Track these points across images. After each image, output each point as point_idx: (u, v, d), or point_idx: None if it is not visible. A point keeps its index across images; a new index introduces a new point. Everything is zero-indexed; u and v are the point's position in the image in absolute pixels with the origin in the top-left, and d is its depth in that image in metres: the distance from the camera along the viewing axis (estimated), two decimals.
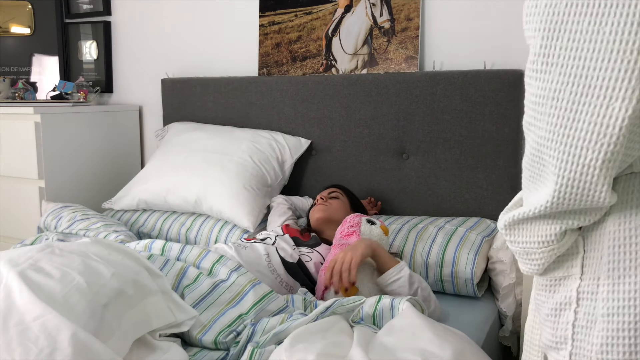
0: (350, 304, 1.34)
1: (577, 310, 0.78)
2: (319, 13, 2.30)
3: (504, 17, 2.00)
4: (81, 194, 2.50)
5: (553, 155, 0.71)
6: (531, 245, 0.80)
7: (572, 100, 0.68)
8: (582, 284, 0.79)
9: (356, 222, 1.66)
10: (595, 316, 0.76)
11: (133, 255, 1.33)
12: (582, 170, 0.69)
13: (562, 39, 0.68)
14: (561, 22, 0.68)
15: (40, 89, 2.85)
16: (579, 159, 0.68)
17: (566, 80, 0.68)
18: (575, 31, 0.67)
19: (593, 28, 0.65)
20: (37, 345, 0.98)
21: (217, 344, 1.30)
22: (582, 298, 0.78)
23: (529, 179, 0.78)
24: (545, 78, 0.70)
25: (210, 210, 2.09)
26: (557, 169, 0.70)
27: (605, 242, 0.76)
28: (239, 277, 1.46)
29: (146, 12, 2.74)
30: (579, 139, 0.68)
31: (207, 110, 2.50)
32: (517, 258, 0.85)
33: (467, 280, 1.68)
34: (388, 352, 1.13)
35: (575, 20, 0.67)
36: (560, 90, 0.68)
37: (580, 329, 0.78)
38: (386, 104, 2.11)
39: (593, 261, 0.78)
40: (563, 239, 0.78)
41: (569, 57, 0.67)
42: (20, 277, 1.09)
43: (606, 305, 0.74)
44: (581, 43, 0.66)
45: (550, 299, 0.83)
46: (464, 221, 1.90)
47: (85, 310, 1.06)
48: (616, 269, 0.74)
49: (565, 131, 0.69)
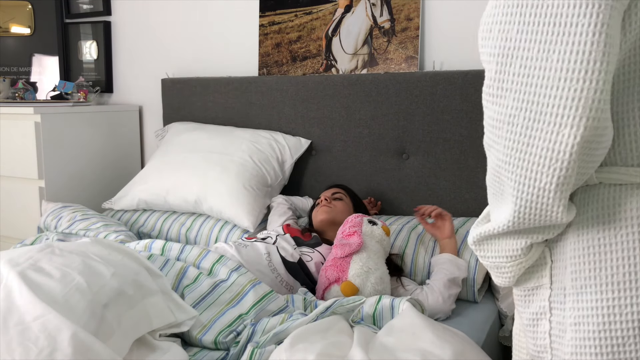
0: (350, 304, 1.34)
1: (551, 319, 0.80)
2: (319, 13, 2.30)
3: None
4: (81, 194, 2.50)
5: (510, 177, 0.72)
6: (500, 260, 0.82)
7: (525, 125, 0.69)
8: (552, 294, 0.80)
9: (358, 222, 1.66)
10: (565, 325, 0.77)
11: (133, 255, 1.33)
12: (538, 193, 0.70)
13: (514, 65, 0.69)
14: (513, 48, 0.69)
15: (40, 89, 2.85)
16: (534, 182, 0.70)
17: (520, 105, 0.69)
18: (526, 58, 0.67)
19: (542, 55, 0.66)
20: (37, 345, 0.98)
21: (217, 344, 1.30)
22: (554, 307, 0.80)
23: (492, 195, 0.80)
24: (500, 102, 0.71)
25: (210, 210, 2.09)
26: (515, 191, 0.72)
27: (568, 252, 0.78)
28: (239, 277, 1.46)
29: (146, 12, 2.74)
30: (534, 163, 0.69)
31: (207, 110, 2.50)
32: (490, 272, 0.87)
33: (469, 286, 1.68)
34: (388, 353, 1.13)
35: (526, 47, 0.67)
36: (515, 116, 0.69)
37: (555, 337, 0.79)
38: (386, 104, 2.11)
39: (560, 271, 0.79)
40: (529, 252, 0.80)
41: (521, 83, 0.68)
42: (20, 277, 1.09)
43: (573, 315, 0.76)
44: (532, 70, 0.67)
45: (527, 309, 0.84)
46: (464, 222, 1.90)
47: (86, 310, 1.06)
48: (578, 278, 0.76)
49: (520, 155, 0.70)
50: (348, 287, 1.53)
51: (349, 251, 1.57)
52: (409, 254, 1.78)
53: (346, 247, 1.57)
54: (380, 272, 1.56)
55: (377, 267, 1.56)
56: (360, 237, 1.59)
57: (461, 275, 1.63)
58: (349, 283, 1.53)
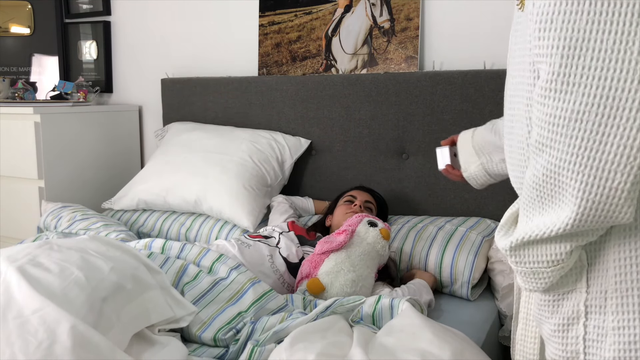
0: (350, 303, 1.34)
1: (587, 324, 0.77)
2: (319, 13, 2.30)
3: (504, 17, 2.00)
4: (81, 194, 2.50)
5: (574, 178, 0.68)
6: (539, 265, 0.78)
7: (598, 122, 0.65)
8: (589, 297, 0.77)
9: (355, 222, 1.63)
10: (606, 329, 0.75)
11: (131, 251, 1.33)
12: (609, 194, 0.67)
13: (584, 58, 0.65)
14: (582, 40, 0.65)
15: (40, 89, 2.85)
16: (605, 182, 0.66)
17: (591, 101, 0.65)
18: (600, 50, 0.64)
19: (619, 47, 0.63)
20: (37, 338, 0.98)
21: (216, 341, 1.30)
22: (591, 312, 0.77)
23: (535, 199, 0.76)
24: (565, 98, 0.67)
25: (210, 210, 2.09)
26: (580, 192, 0.68)
27: (610, 255, 0.75)
28: (238, 275, 1.46)
29: (146, 12, 2.74)
30: (607, 162, 0.66)
31: (207, 110, 2.50)
32: (521, 277, 0.83)
33: (464, 283, 1.68)
34: (388, 353, 1.13)
35: (598, 39, 0.64)
36: (585, 112, 0.66)
37: (591, 342, 0.77)
38: (386, 104, 2.11)
39: (598, 274, 0.77)
40: (571, 256, 0.77)
41: (593, 77, 0.65)
42: (19, 271, 1.09)
43: (616, 319, 0.74)
44: (606, 63, 0.64)
45: (555, 315, 0.81)
46: (464, 221, 1.90)
47: (84, 303, 1.06)
48: (624, 281, 0.73)
49: (590, 154, 0.66)
50: (313, 284, 1.51)
51: (328, 248, 1.54)
52: (406, 251, 1.79)
53: (327, 244, 1.56)
54: (357, 275, 1.52)
55: (355, 270, 1.52)
56: (346, 237, 1.56)
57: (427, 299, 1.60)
58: (315, 280, 1.51)
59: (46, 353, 0.97)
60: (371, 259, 1.58)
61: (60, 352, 0.97)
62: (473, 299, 1.71)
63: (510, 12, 1.99)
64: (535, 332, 0.93)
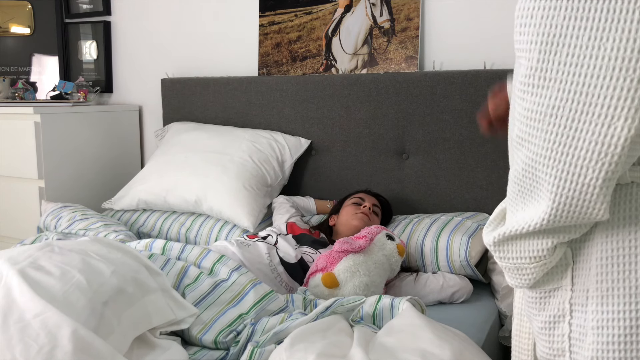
0: (350, 303, 1.34)
1: (572, 322, 0.77)
2: (319, 13, 2.30)
3: (504, 17, 2.00)
4: (81, 194, 2.50)
5: (549, 173, 0.68)
6: (522, 261, 0.78)
7: (571, 117, 0.65)
8: (573, 296, 0.77)
9: (375, 231, 1.65)
10: (586, 328, 0.75)
11: (132, 253, 1.33)
12: (582, 189, 0.67)
13: (560, 54, 0.65)
14: (559, 36, 0.65)
15: (40, 89, 2.85)
16: (578, 177, 0.66)
17: (565, 96, 0.65)
18: (575, 46, 0.64)
19: (594, 44, 0.63)
20: (38, 342, 0.98)
21: (217, 344, 1.30)
22: (575, 310, 0.77)
23: (517, 194, 0.76)
24: (542, 93, 0.67)
25: (210, 210, 2.09)
26: (554, 187, 0.68)
27: (594, 254, 0.75)
28: (239, 277, 1.46)
29: (146, 12, 2.73)
30: (579, 158, 0.65)
31: (207, 110, 2.50)
32: (507, 273, 0.83)
33: (463, 262, 1.70)
34: (388, 353, 1.13)
35: (574, 35, 0.64)
36: (559, 107, 0.66)
37: (575, 341, 0.77)
38: (386, 104, 2.11)
39: (582, 272, 0.77)
40: (554, 253, 0.77)
41: (568, 72, 0.65)
42: (20, 275, 1.09)
43: (595, 318, 0.74)
44: (581, 59, 0.64)
45: (541, 312, 0.81)
46: (460, 213, 1.93)
47: (85, 307, 1.06)
48: (604, 281, 0.73)
49: (564, 149, 0.66)
50: (329, 278, 1.50)
51: (348, 248, 1.55)
52: (403, 239, 1.82)
53: (347, 244, 1.56)
54: (370, 280, 1.53)
55: (370, 275, 1.53)
56: (365, 242, 1.57)
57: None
58: (332, 275, 1.51)
59: (47, 357, 0.96)
60: (384, 270, 1.60)
61: (61, 356, 0.97)
62: (482, 277, 1.74)
63: (510, 12, 1.99)
64: (529, 327, 0.93)
